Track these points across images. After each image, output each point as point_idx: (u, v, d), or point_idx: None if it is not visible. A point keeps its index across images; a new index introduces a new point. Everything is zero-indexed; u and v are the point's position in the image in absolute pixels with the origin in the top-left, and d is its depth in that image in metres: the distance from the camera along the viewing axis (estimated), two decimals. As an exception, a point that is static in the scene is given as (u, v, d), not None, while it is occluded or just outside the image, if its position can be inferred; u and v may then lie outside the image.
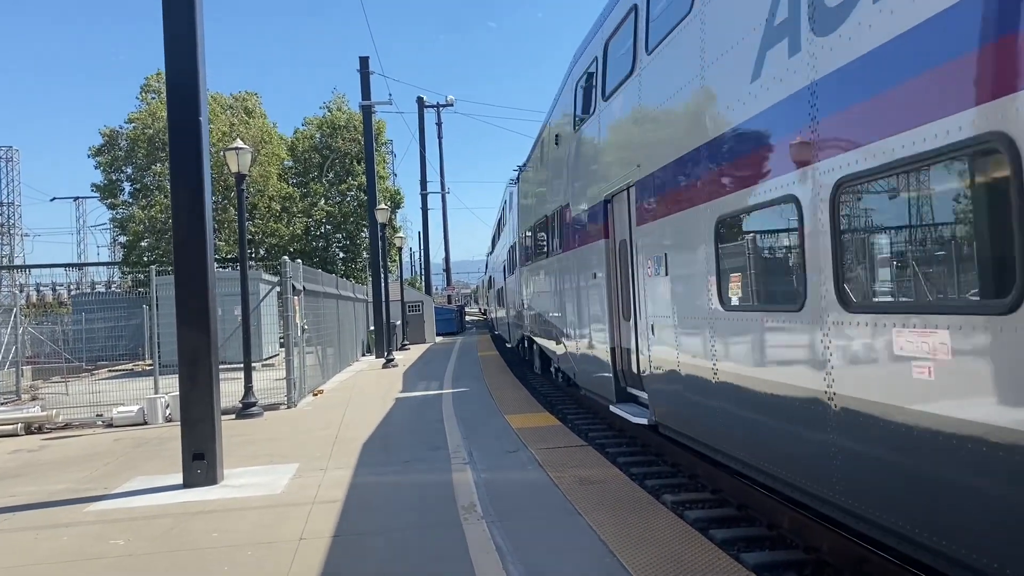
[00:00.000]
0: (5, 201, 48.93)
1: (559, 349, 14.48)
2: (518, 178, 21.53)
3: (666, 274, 7.92)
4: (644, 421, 8.92)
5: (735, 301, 6.49)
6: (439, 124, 52.09)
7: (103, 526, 6.82)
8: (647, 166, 8.51)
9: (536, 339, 18.52)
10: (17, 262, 47.72)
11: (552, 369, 16.62)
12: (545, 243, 15.29)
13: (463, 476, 8.03)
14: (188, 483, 8.08)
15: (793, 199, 5.32)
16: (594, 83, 10.86)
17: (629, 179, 9.11)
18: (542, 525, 6.24)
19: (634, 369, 9.53)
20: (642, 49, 8.62)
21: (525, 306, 20.06)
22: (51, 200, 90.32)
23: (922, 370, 4.07)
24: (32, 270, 45.77)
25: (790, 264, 5.70)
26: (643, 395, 9.20)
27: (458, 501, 7.03)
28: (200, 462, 8.08)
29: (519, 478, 7.86)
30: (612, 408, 10.19)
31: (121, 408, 13.36)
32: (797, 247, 5.36)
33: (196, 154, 8.23)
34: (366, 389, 17.36)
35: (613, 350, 10.27)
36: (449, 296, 57.49)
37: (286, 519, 6.73)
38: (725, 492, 8.02)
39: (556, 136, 13.77)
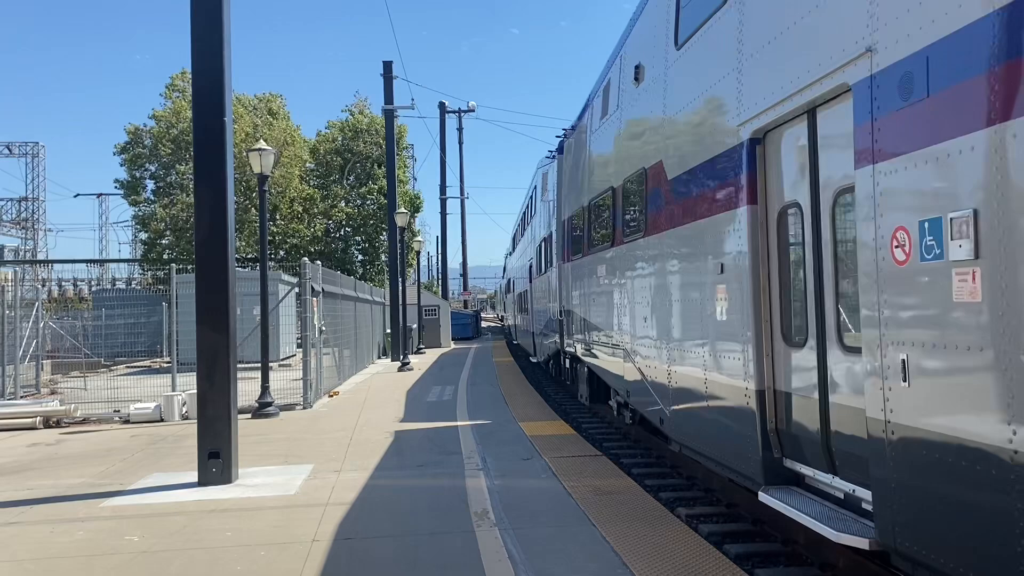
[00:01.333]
0: (30, 196, 49.55)
1: (630, 375, 10.04)
2: (560, 148, 16.68)
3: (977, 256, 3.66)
4: (859, 542, 4.71)
5: None
6: (460, 130, 52.25)
7: (118, 522, 6.86)
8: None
9: (586, 359, 13.19)
10: (40, 257, 48.32)
11: (614, 403, 11.84)
12: (612, 226, 10.89)
13: (477, 482, 8.01)
14: (203, 481, 8.12)
15: None
16: None
17: (846, 75, 4.77)
18: (555, 534, 6.20)
19: (810, 428, 5.55)
20: None
21: (567, 313, 15.18)
22: (75, 196, 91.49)
23: None
24: (55, 265, 46.36)
25: None
26: (844, 486, 5.19)
27: (471, 507, 7.01)
28: (215, 461, 8.12)
29: (533, 486, 7.83)
30: (765, 497, 5.91)
31: (138, 405, 13.46)
32: None
33: (220, 154, 8.29)
34: (381, 392, 17.39)
35: (760, 394, 6.06)
36: (465, 301, 57.61)
37: (300, 520, 6.74)
38: (740, 507, 7.94)
39: (637, 68, 9.61)
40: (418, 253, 37.27)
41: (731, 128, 6.49)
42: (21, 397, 15.98)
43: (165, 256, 36.33)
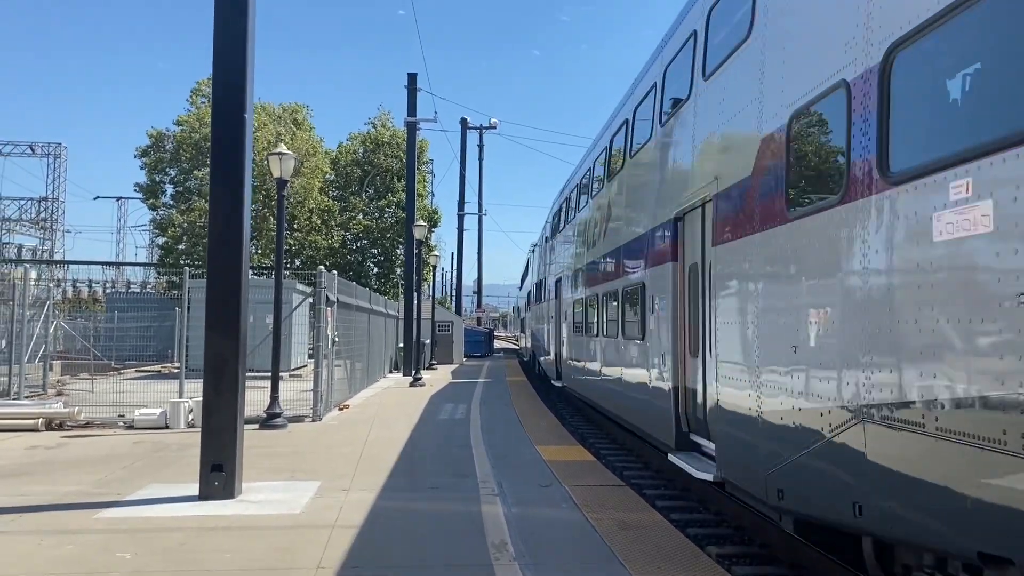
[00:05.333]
0: (50, 197, 49.68)
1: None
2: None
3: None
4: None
5: None
6: (480, 146, 52.03)
7: (111, 536, 6.42)
8: None
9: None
10: (57, 258, 48.34)
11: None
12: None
13: (493, 509, 7.52)
14: (204, 495, 7.67)
15: None
16: None
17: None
18: (579, 570, 5.73)
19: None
20: None
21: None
22: (95, 199, 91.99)
23: None
24: (70, 266, 46.32)
25: None
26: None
27: (488, 537, 6.53)
28: (218, 474, 7.67)
29: (554, 516, 7.33)
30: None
31: (143, 410, 13.07)
32: None
33: (239, 152, 7.93)
34: (393, 407, 16.93)
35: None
36: (479, 318, 57.16)
37: (304, 543, 6.28)
38: (775, 547, 7.42)
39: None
40: (434, 268, 36.93)
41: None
42: (26, 397, 15.64)
43: (181, 261, 36.24)
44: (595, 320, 14.89)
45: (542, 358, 26.77)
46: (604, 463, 10.98)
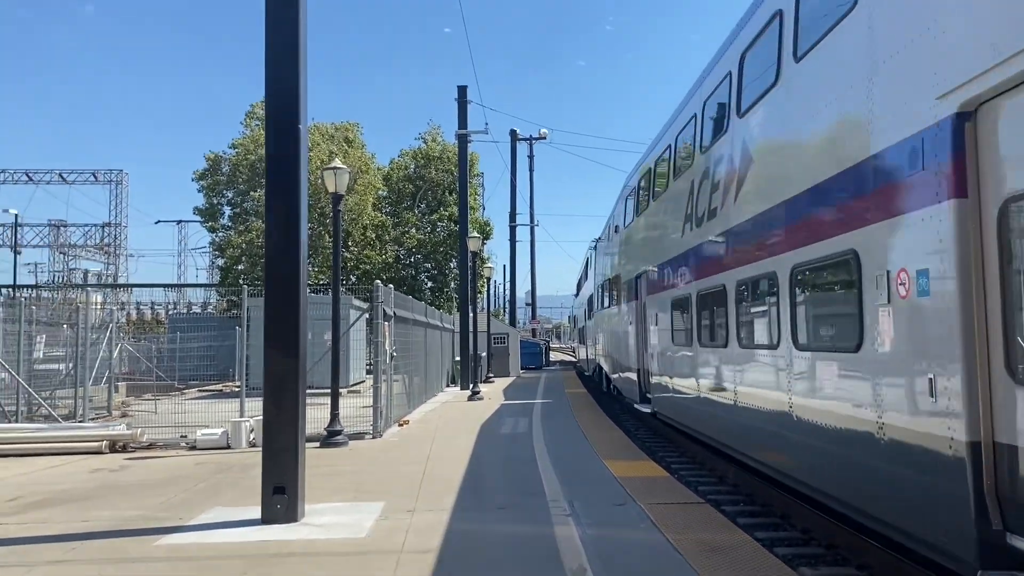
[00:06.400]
0: (113, 222, 51.06)
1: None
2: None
3: None
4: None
5: None
6: (531, 157, 51.84)
7: (172, 565, 6.19)
8: None
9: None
10: (121, 281, 49.60)
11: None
12: None
13: (566, 530, 7.09)
14: (267, 519, 7.41)
15: None
16: None
17: None
18: (667, 600, 5.25)
19: None
20: None
21: None
22: (156, 223, 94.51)
23: None
24: (133, 289, 47.48)
25: None
26: None
27: (565, 562, 6.10)
28: (281, 496, 7.41)
29: (632, 538, 6.87)
30: None
31: (205, 430, 13.00)
32: None
33: (294, 165, 7.70)
34: (453, 422, 16.62)
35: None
36: (533, 330, 56.77)
37: (372, 571, 5.95)
38: (875, 568, 6.82)
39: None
40: (488, 279, 36.64)
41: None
42: (91, 419, 15.78)
43: (240, 281, 36.73)
44: (720, 324, 10.10)
45: (616, 374, 21.09)
46: (677, 478, 10.45)
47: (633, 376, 17.11)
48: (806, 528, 8.27)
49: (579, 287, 40.58)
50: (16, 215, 49.22)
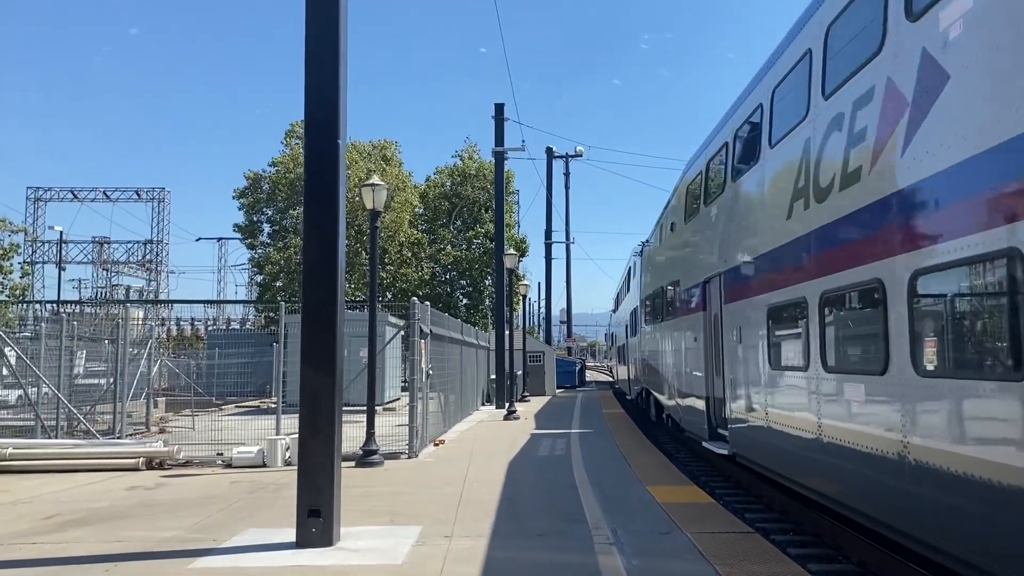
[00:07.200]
0: (155, 239, 51.93)
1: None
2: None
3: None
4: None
5: None
6: (567, 174, 51.66)
7: (205, 589, 6.03)
8: None
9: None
10: (162, 297, 50.37)
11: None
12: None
13: (610, 560, 6.79)
14: (301, 543, 7.23)
15: None
16: None
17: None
18: (721, 640, 4.93)
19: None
20: None
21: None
22: (196, 240, 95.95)
23: None
24: (174, 305, 48.17)
25: None
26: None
27: (610, 596, 5.81)
28: (315, 520, 7.22)
29: (680, 570, 6.54)
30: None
31: (241, 448, 12.91)
32: None
33: (332, 177, 7.58)
34: (489, 442, 16.37)
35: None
36: (569, 348, 56.33)
37: (407, 601, 5.72)
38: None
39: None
40: (524, 297, 36.45)
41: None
42: (129, 435, 15.82)
43: (279, 298, 37.01)
44: (873, 337, 6.75)
45: (673, 402, 17.00)
46: (723, 504, 10.06)
47: (700, 405, 13.56)
48: (863, 561, 7.86)
49: (617, 302, 38.09)
50: (61, 232, 50.31)
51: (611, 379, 51.46)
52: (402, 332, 17.18)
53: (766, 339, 9.70)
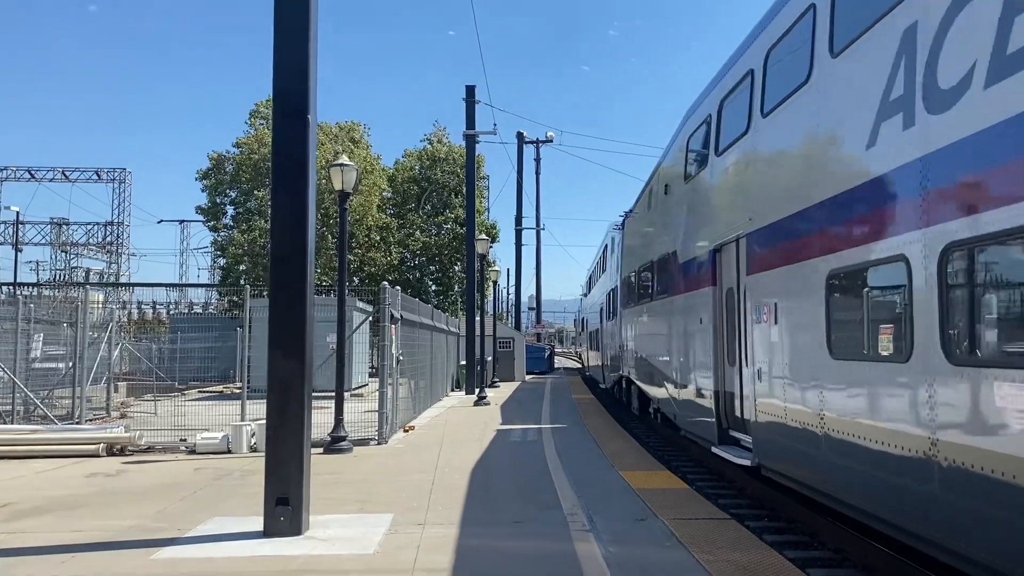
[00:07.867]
0: (116, 221, 50.67)
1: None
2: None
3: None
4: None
5: None
6: (537, 160, 51.37)
7: (169, 582, 5.78)
8: None
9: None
10: (123, 280, 49.22)
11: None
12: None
13: (587, 548, 6.67)
14: (269, 531, 6.99)
15: None
16: None
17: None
18: (704, 630, 4.83)
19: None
20: None
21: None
22: (158, 222, 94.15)
23: None
24: (135, 288, 47.10)
25: None
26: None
27: (589, 585, 5.68)
28: (284, 508, 6.99)
29: (659, 558, 6.43)
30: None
31: (205, 434, 12.58)
32: None
33: (302, 156, 7.31)
34: (460, 428, 16.20)
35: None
36: (538, 334, 56.31)
37: (381, 592, 5.53)
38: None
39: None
40: (494, 283, 36.26)
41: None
42: (88, 420, 15.36)
43: (242, 281, 36.33)
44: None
45: (667, 396, 14.28)
46: (696, 490, 10.00)
47: (706, 403, 11.17)
48: (840, 547, 7.83)
49: (590, 284, 35.51)
50: (18, 212, 48.89)
51: (580, 365, 51.54)
52: (370, 318, 16.91)
53: (824, 318, 7.19)
